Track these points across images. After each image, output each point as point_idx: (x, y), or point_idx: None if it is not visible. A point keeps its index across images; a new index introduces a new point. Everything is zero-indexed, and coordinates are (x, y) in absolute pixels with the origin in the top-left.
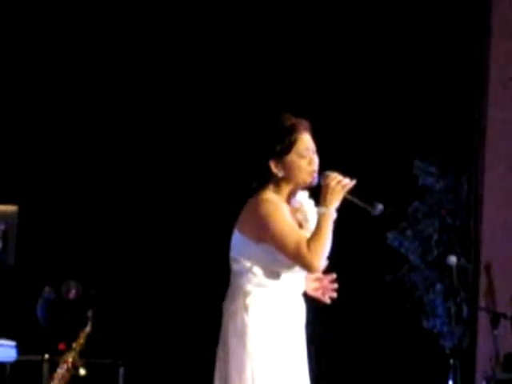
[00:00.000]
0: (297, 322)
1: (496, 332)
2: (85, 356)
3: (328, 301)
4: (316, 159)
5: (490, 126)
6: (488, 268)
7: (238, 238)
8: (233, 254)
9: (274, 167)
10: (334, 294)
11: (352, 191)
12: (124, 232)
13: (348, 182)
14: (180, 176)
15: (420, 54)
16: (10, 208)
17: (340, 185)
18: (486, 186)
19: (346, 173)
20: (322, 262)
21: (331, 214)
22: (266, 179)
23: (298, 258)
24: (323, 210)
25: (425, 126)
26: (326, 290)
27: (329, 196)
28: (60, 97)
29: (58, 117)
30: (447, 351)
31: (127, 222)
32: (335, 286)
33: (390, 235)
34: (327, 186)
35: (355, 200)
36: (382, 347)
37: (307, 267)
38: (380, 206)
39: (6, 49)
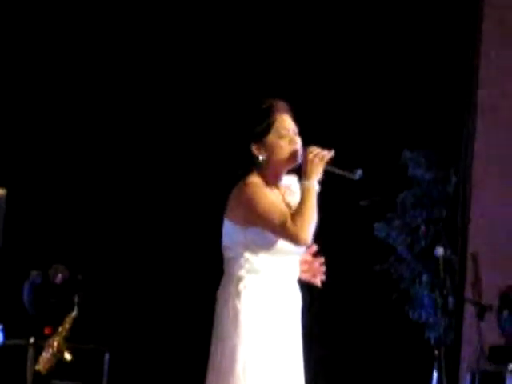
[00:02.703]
0: (291, 308)
1: (482, 324)
2: (70, 341)
3: (318, 283)
4: (298, 140)
5: (479, 118)
6: (475, 260)
7: (227, 226)
8: (224, 241)
9: (255, 150)
10: (323, 277)
11: (331, 162)
12: (112, 217)
13: (326, 154)
14: (171, 162)
15: (410, 44)
16: None
17: (318, 157)
18: (473, 178)
19: (335, 162)
20: (309, 234)
21: (313, 187)
22: (250, 164)
23: (284, 233)
24: (304, 183)
25: (414, 117)
26: (316, 273)
27: (309, 169)
28: (51, 82)
29: (47, 101)
30: (432, 342)
31: (115, 206)
32: (323, 269)
33: (377, 226)
34: (306, 159)
35: (335, 170)
36: (368, 337)
37: (294, 240)
38: (359, 172)
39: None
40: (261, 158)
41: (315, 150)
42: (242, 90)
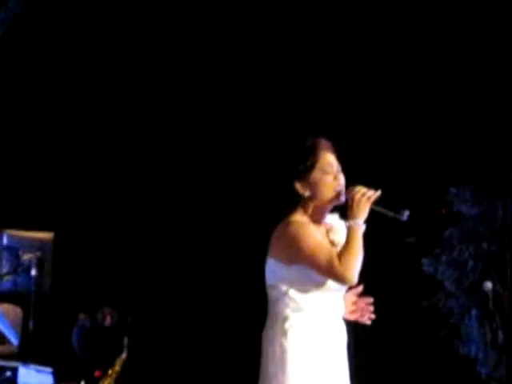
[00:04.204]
0: (337, 344)
1: None
2: (121, 383)
3: (368, 322)
4: (342, 177)
5: None
6: None
7: (271, 264)
8: (268, 280)
9: (299, 188)
10: (373, 316)
11: (377, 202)
12: (159, 259)
13: (373, 194)
14: (215, 205)
15: (456, 79)
16: (46, 235)
17: (365, 197)
18: None
19: (381, 202)
20: (355, 273)
21: (359, 226)
22: (294, 202)
23: (331, 273)
24: (351, 222)
25: (459, 152)
26: (364, 312)
27: (355, 209)
28: (93, 129)
29: (93, 146)
30: (483, 377)
31: (163, 250)
32: (371, 308)
33: (425, 261)
34: (352, 199)
35: (381, 210)
36: (419, 373)
37: (341, 280)
38: (407, 213)
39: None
40: (306, 194)
41: (362, 190)
42: (283, 127)
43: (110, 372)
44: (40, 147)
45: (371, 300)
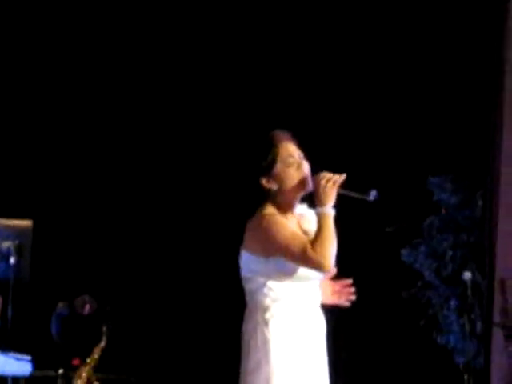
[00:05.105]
0: (317, 332)
1: (511, 348)
2: (99, 371)
3: (347, 304)
4: (306, 165)
5: (505, 142)
6: (503, 284)
7: (246, 258)
8: (244, 273)
9: (266, 183)
10: (353, 297)
11: (343, 186)
12: (139, 247)
13: (338, 178)
14: (191, 202)
15: (435, 69)
16: (25, 223)
17: (330, 182)
18: (500, 201)
19: (350, 185)
20: (330, 259)
21: (329, 212)
22: (264, 197)
23: (306, 261)
24: (320, 209)
25: (440, 142)
26: (342, 295)
27: (322, 195)
28: (75, 114)
29: (73, 132)
30: (461, 367)
31: (143, 237)
32: (351, 289)
33: (404, 251)
34: (318, 185)
35: (349, 193)
36: (397, 363)
37: (318, 267)
38: (373, 193)
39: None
40: (273, 188)
41: (327, 175)
42: (256, 120)
43: (88, 360)
44: (18, 135)
45: (349, 282)
